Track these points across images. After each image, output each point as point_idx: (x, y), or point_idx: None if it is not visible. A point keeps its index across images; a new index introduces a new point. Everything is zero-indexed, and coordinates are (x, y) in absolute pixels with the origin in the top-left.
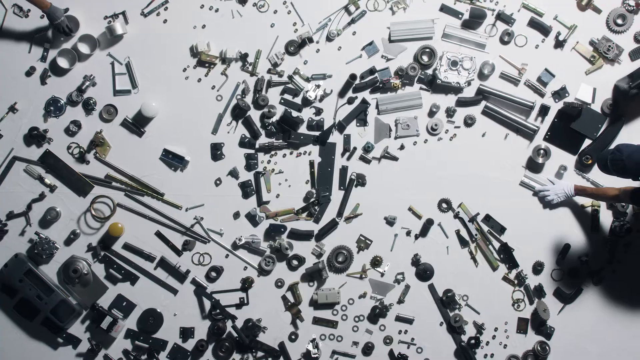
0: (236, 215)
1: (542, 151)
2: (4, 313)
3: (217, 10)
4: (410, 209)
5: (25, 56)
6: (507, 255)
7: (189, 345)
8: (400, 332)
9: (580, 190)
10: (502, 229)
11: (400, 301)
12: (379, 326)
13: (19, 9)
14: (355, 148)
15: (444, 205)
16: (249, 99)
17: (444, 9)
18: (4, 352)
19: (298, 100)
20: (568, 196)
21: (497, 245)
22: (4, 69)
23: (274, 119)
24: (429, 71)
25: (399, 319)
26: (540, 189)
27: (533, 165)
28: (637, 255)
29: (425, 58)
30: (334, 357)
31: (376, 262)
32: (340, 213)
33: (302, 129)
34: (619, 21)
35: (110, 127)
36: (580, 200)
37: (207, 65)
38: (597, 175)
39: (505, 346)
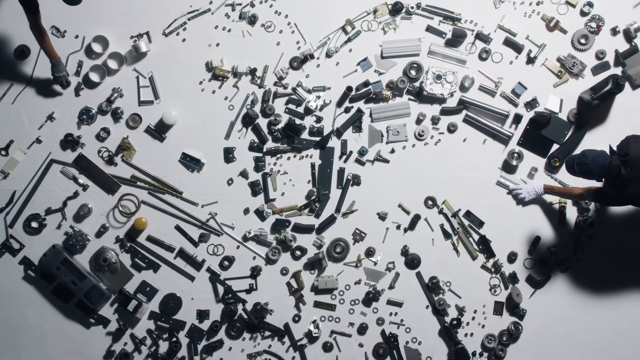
0: (246, 211)
1: (515, 154)
2: (43, 296)
3: (229, 30)
4: (400, 206)
5: None
6: (485, 246)
7: (205, 325)
8: (391, 314)
9: (549, 189)
10: (480, 223)
11: (391, 287)
12: (372, 309)
13: (56, 30)
14: (351, 152)
15: (430, 202)
16: (257, 108)
17: (429, 29)
18: (44, 331)
19: (301, 109)
20: (538, 194)
21: (476, 237)
22: (44, 83)
23: (279, 126)
24: (417, 84)
25: (389, 302)
26: (514, 188)
27: (508, 167)
28: (598, 246)
29: (413, 72)
30: (333, 336)
31: (370, 253)
32: (338, 209)
33: (305, 135)
34: (582, 41)
35: (136, 133)
36: (549, 198)
37: (220, 78)
38: (564, 176)
39: (483, 326)
